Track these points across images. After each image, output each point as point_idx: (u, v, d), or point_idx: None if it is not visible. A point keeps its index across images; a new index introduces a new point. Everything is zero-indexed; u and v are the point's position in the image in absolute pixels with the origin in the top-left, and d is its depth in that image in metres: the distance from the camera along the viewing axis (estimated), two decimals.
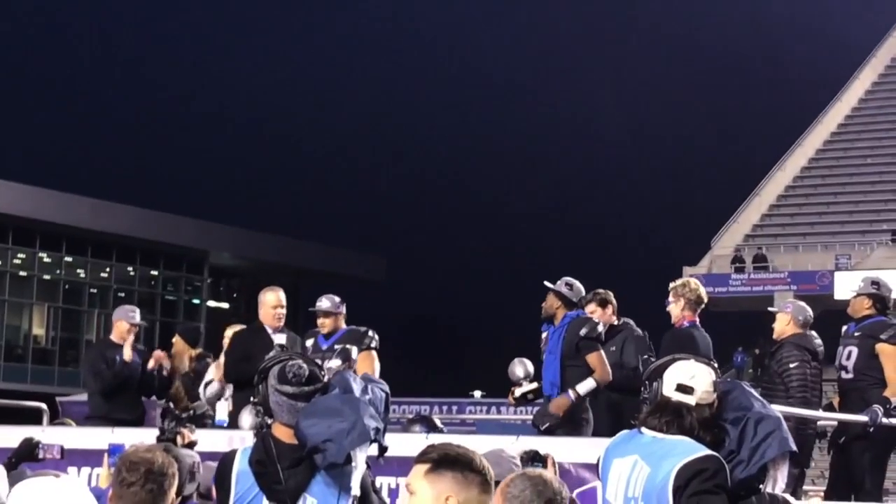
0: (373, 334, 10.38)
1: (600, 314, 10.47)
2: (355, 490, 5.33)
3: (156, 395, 11.74)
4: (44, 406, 12.33)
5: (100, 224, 47.39)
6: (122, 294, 50.82)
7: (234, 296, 56.97)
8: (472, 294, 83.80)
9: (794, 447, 5.42)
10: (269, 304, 10.57)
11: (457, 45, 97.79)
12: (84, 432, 10.04)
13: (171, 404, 11.32)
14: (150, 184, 77.47)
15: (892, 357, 9.85)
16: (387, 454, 5.52)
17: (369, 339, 10.31)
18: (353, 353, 9.74)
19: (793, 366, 9.67)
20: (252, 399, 5.61)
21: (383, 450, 5.46)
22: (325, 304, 10.50)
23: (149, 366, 11.32)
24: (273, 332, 10.45)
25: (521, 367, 10.50)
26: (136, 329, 11.48)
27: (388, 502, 5.84)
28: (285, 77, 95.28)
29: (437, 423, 10.41)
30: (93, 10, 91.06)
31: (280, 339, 10.29)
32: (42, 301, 49.25)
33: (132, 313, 11.52)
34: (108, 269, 51.00)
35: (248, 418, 9.33)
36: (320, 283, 51.68)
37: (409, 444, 7.58)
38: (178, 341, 11.93)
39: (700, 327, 10.00)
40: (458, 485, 4.01)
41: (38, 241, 48.23)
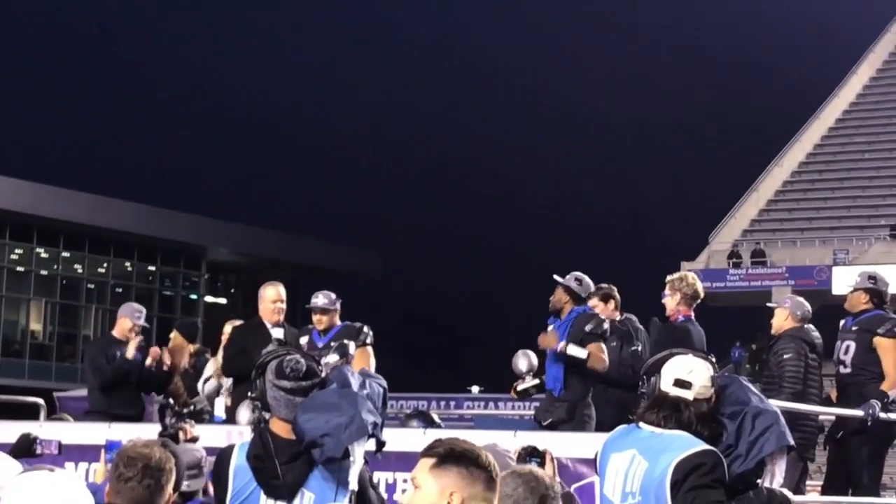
0: (367, 330, 10.39)
1: (602, 309, 10.41)
2: (353, 485, 5.32)
3: (155, 391, 11.70)
4: (41, 401, 12.32)
5: (97, 219, 47.34)
6: (120, 289, 50.79)
7: (232, 291, 56.94)
8: (469, 290, 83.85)
9: (792, 441, 5.42)
10: (269, 299, 10.54)
11: (455, 42, 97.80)
12: (81, 428, 10.03)
13: (171, 400, 11.31)
14: (148, 179, 77.54)
15: (889, 350, 9.86)
16: (384, 449, 5.51)
17: (364, 336, 10.32)
18: (351, 348, 9.73)
19: (787, 356, 9.66)
20: (250, 394, 5.61)
21: (381, 445, 5.46)
22: (320, 300, 10.49)
23: (147, 362, 11.27)
24: (272, 328, 10.43)
25: (524, 360, 10.44)
26: (139, 329, 11.44)
27: (386, 497, 5.84)
28: (283, 73, 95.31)
29: (435, 418, 10.40)
30: (91, 5, 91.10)
31: (278, 334, 10.27)
32: (39, 296, 49.21)
33: (138, 314, 11.42)
34: (106, 264, 50.95)
35: (245, 413, 9.31)
36: (317, 278, 51.67)
37: (406, 440, 7.58)
38: (176, 336, 11.90)
39: (695, 322, 9.94)
40: (462, 480, 4.01)
41: (35, 236, 48.18)
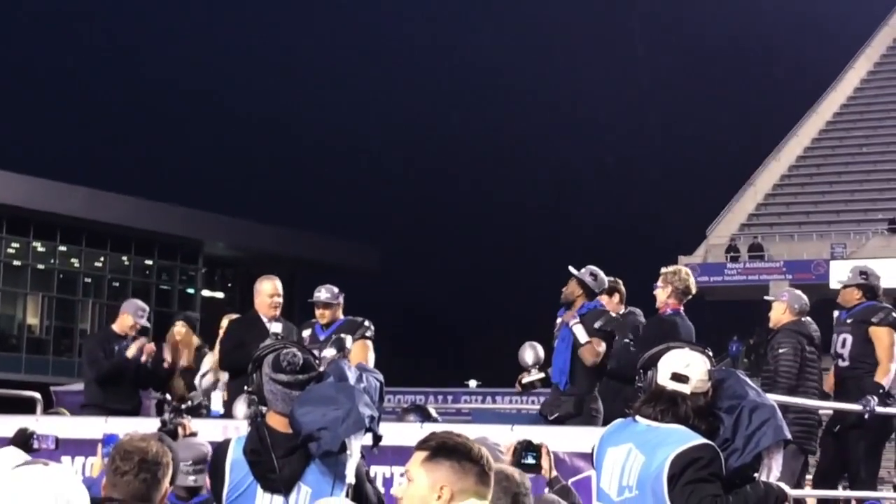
0: (368, 324, 10.40)
1: (607, 302, 10.34)
2: (350, 478, 5.32)
3: (153, 387, 11.64)
4: (38, 395, 12.30)
5: (94, 213, 47.34)
6: (117, 284, 50.82)
7: (229, 286, 56.97)
8: (467, 285, 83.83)
9: (789, 435, 5.42)
10: (266, 293, 10.51)
11: (453, 38, 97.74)
12: (78, 422, 10.02)
13: (168, 395, 11.27)
14: (145, 173, 77.42)
15: (883, 339, 9.87)
16: (381, 443, 5.51)
17: (364, 329, 10.33)
18: (348, 342, 9.74)
19: (782, 351, 9.66)
20: (246, 388, 5.61)
21: (378, 439, 5.46)
22: (323, 294, 10.49)
23: (142, 359, 11.18)
24: (268, 321, 10.40)
25: (531, 352, 10.40)
26: (139, 328, 11.33)
27: (383, 491, 5.83)
28: (281, 68, 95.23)
29: (432, 412, 10.40)
30: None
31: (276, 328, 10.26)
32: (36, 290, 49.20)
33: (142, 312, 11.34)
34: (103, 258, 50.95)
35: (242, 407, 9.30)
36: (315, 273, 51.66)
37: (403, 434, 7.58)
38: (186, 331, 11.74)
39: (684, 316, 9.87)
40: (454, 474, 4.00)
41: (32, 230, 48.18)
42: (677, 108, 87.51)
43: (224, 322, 11.25)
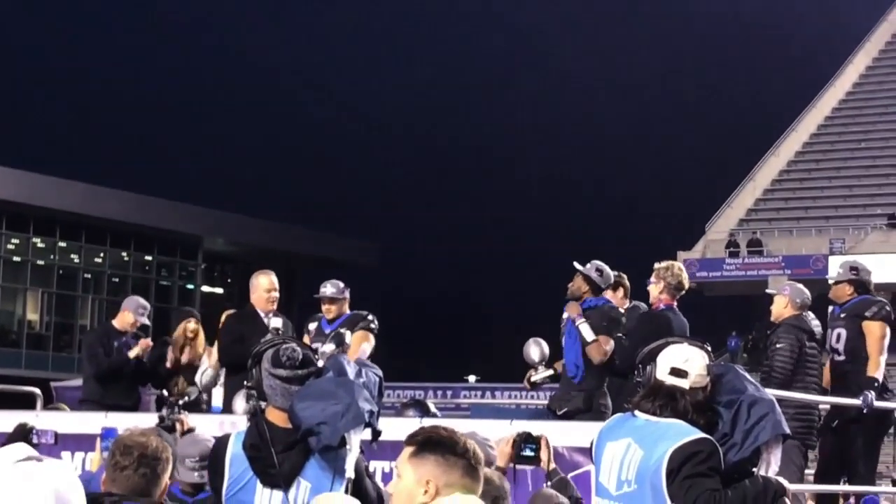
0: (372, 318, 10.45)
1: (611, 297, 10.32)
2: (349, 473, 5.32)
3: (153, 384, 11.61)
4: (37, 391, 12.31)
5: (94, 209, 47.31)
6: (117, 279, 50.81)
7: (229, 281, 56.94)
8: (466, 280, 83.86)
9: (788, 430, 5.43)
10: (263, 288, 10.49)
11: (451, 32, 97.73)
12: (78, 417, 10.03)
13: (165, 392, 11.26)
14: (144, 169, 77.40)
15: (874, 333, 9.87)
16: (380, 438, 5.51)
17: (367, 322, 10.35)
18: (347, 337, 9.74)
19: (779, 346, 9.64)
20: (246, 383, 5.61)
21: (377, 434, 5.46)
22: (329, 289, 10.51)
23: (132, 354, 11.11)
24: (265, 316, 10.39)
25: (536, 348, 10.37)
26: (140, 326, 11.28)
27: (382, 487, 5.84)
28: (281, 63, 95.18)
29: (432, 407, 10.41)
30: None
31: (276, 323, 10.25)
32: (36, 286, 49.19)
33: (143, 310, 11.31)
34: (103, 254, 50.94)
35: (241, 403, 9.31)
36: (314, 268, 51.72)
37: (402, 429, 7.58)
38: (199, 328, 11.58)
39: (677, 311, 9.81)
40: (439, 468, 3.98)
41: (31, 226, 48.17)
42: (676, 103, 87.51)
43: (223, 318, 11.24)
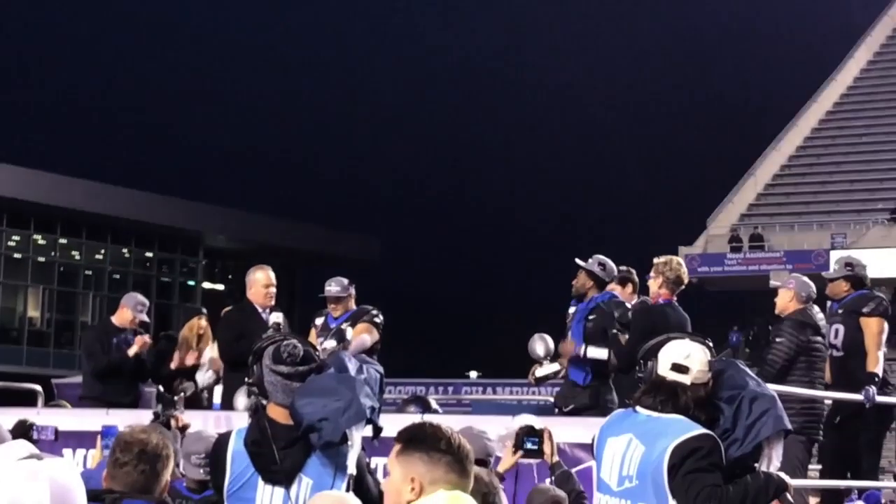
0: (377, 312, 10.49)
1: (620, 292, 10.28)
2: (351, 469, 5.32)
3: (154, 380, 11.60)
4: (38, 388, 12.30)
5: (94, 206, 47.31)
6: (118, 276, 50.81)
7: (230, 277, 56.91)
8: (468, 276, 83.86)
9: (789, 425, 5.43)
10: (261, 284, 10.46)
11: (450, 28, 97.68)
12: (78, 414, 10.03)
13: (161, 388, 11.24)
14: (145, 166, 77.39)
15: (872, 328, 9.86)
16: (382, 435, 5.51)
17: (371, 315, 10.37)
18: (348, 333, 9.75)
19: (778, 340, 9.60)
20: (247, 380, 5.61)
21: (378, 430, 5.46)
22: (334, 288, 10.51)
23: (131, 352, 11.06)
24: (263, 311, 10.35)
25: (541, 344, 10.35)
26: (139, 322, 11.24)
27: (383, 483, 5.83)
28: (280, 60, 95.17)
29: (433, 403, 10.42)
30: None
31: (276, 318, 10.23)
32: (37, 283, 49.21)
33: (141, 307, 11.26)
34: (103, 251, 50.95)
35: (242, 399, 9.30)
36: (315, 264, 51.78)
37: (404, 425, 7.58)
38: (208, 326, 11.53)
39: (676, 306, 9.74)
40: (423, 465, 3.95)
41: (32, 223, 48.19)
42: (676, 98, 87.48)
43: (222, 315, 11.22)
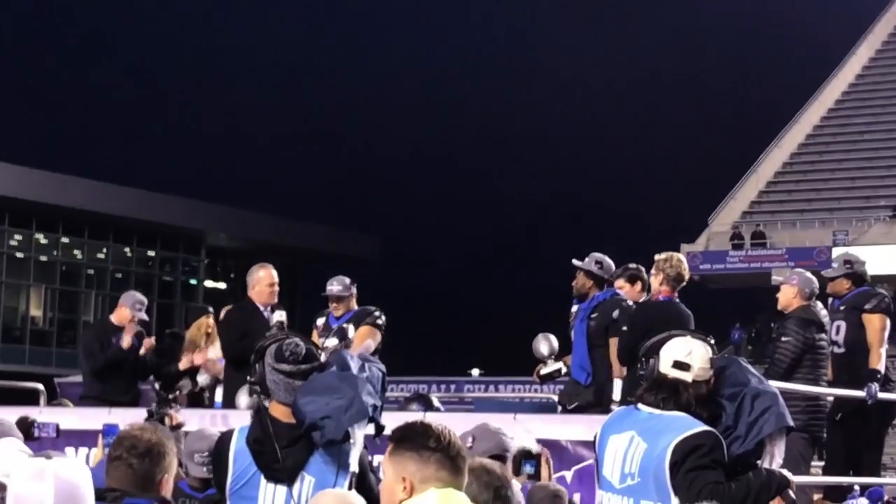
0: (379, 313, 10.45)
1: (629, 290, 10.17)
2: (353, 467, 5.33)
3: (157, 376, 11.59)
4: (41, 387, 12.30)
5: (96, 205, 47.33)
6: (120, 275, 50.83)
7: (232, 276, 56.94)
8: (469, 274, 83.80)
9: (791, 422, 5.43)
10: (265, 282, 10.44)
11: (451, 24, 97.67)
12: (81, 413, 10.03)
13: (156, 385, 11.23)
14: (147, 165, 77.33)
15: (874, 325, 9.85)
16: (384, 433, 5.51)
17: (374, 318, 10.35)
18: (350, 331, 9.73)
19: (784, 339, 9.58)
20: (249, 378, 5.61)
21: (380, 429, 5.46)
22: (335, 287, 10.49)
23: (140, 352, 11.04)
24: (265, 309, 10.34)
25: (545, 343, 10.34)
26: (138, 320, 11.22)
27: None
28: (280, 56, 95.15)
29: (435, 401, 10.42)
30: None
31: (280, 316, 10.22)
32: (39, 282, 49.24)
33: (139, 305, 11.22)
34: (105, 250, 50.97)
35: (245, 398, 9.30)
36: (317, 262, 51.79)
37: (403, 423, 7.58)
38: (215, 325, 11.44)
39: (677, 303, 9.68)
40: (413, 464, 3.96)
41: (34, 222, 48.21)
42: (678, 95, 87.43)
43: (223, 314, 11.20)
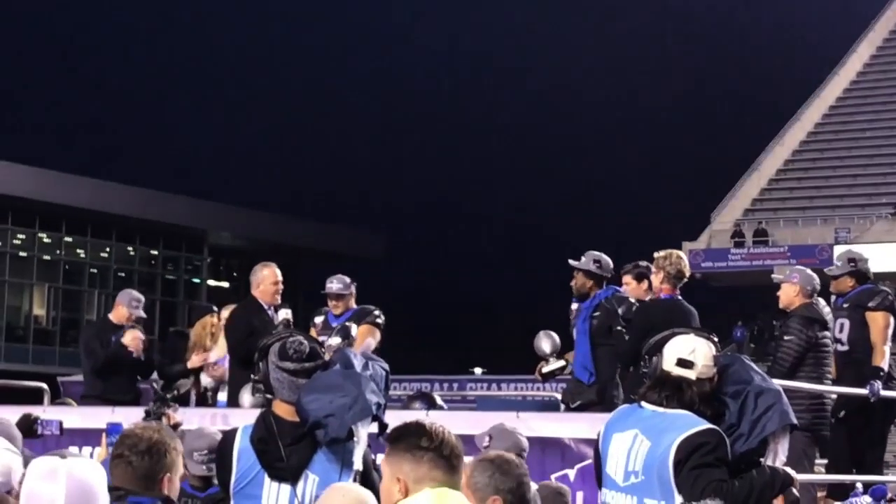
0: (378, 312, 10.48)
1: (635, 288, 10.16)
2: (357, 465, 5.33)
3: (160, 374, 11.59)
4: (45, 386, 12.31)
5: (99, 204, 47.35)
6: (123, 274, 50.85)
7: (234, 275, 56.95)
8: (472, 272, 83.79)
9: (795, 420, 5.43)
10: (270, 281, 10.44)
11: (453, 24, 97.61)
12: (84, 412, 10.04)
13: (154, 384, 11.22)
14: (150, 163, 77.35)
15: (878, 322, 9.84)
16: (387, 431, 5.51)
17: (373, 317, 10.36)
18: (353, 330, 9.73)
19: (787, 338, 9.56)
20: (252, 377, 5.61)
21: (384, 427, 5.46)
22: (335, 285, 10.51)
23: (124, 340, 10.96)
24: (269, 308, 10.34)
25: (547, 340, 10.32)
26: (136, 318, 11.18)
27: None
28: (284, 56, 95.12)
29: (438, 400, 10.41)
30: None
31: (285, 315, 10.22)
32: (42, 281, 49.26)
33: (136, 303, 11.21)
34: (108, 248, 50.98)
35: (247, 397, 9.31)
36: (319, 261, 51.72)
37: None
38: (220, 323, 11.39)
39: (679, 300, 9.67)
40: (407, 464, 3.96)
41: (37, 221, 48.21)
42: (680, 92, 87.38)
43: (224, 313, 11.19)
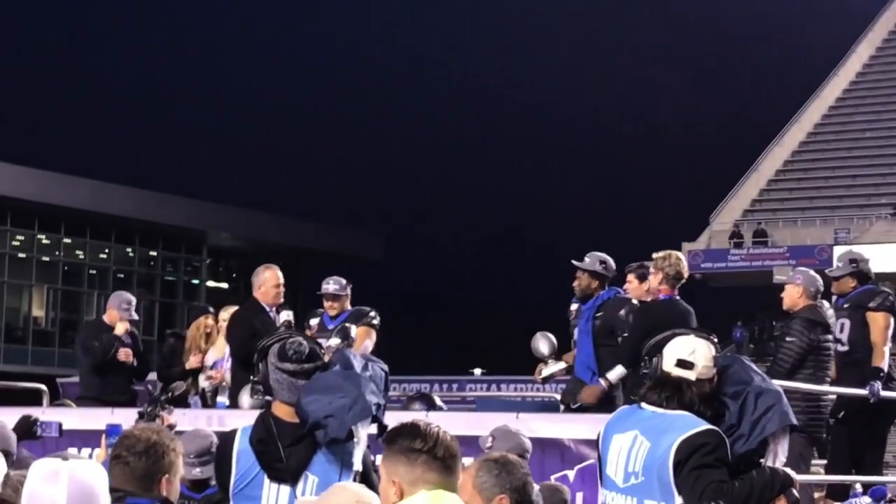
0: (374, 314, 10.48)
1: (635, 286, 10.09)
2: (357, 466, 5.32)
3: (160, 376, 11.58)
4: (44, 387, 12.30)
5: (98, 205, 47.32)
6: (122, 275, 50.82)
7: (234, 276, 56.93)
8: (472, 273, 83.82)
9: (795, 421, 5.42)
10: (272, 283, 10.43)
11: (452, 28, 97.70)
12: (83, 413, 10.04)
13: (150, 386, 11.21)
14: (149, 164, 77.39)
15: (878, 322, 9.84)
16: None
17: (369, 318, 10.37)
18: (352, 331, 9.74)
19: (788, 339, 9.54)
20: (252, 378, 5.61)
21: (383, 428, 5.46)
22: (332, 286, 10.53)
23: (120, 358, 10.92)
24: (270, 309, 10.33)
25: (545, 342, 10.30)
26: (125, 320, 11.11)
27: None
28: (284, 55, 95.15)
29: (437, 400, 10.41)
30: None
31: (286, 316, 10.22)
32: (41, 282, 49.24)
33: (126, 305, 11.13)
34: (107, 250, 50.96)
35: (247, 398, 9.30)
36: (319, 262, 51.69)
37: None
38: (214, 325, 11.34)
39: (678, 301, 9.64)
40: (402, 466, 3.95)
41: (36, 222, 48.20)
42: (680, 93, 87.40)
43: (223, 314, 11.17)
